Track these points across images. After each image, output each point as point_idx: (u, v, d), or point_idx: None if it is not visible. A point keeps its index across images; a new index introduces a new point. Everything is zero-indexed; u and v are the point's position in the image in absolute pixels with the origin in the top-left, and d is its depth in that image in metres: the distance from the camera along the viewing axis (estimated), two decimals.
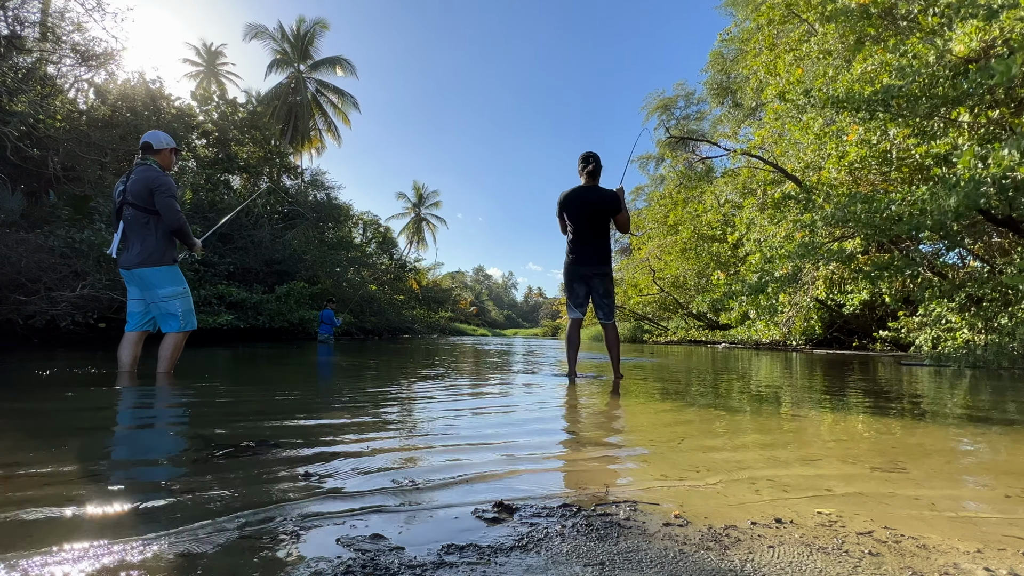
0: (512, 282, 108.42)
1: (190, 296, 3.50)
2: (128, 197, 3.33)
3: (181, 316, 3.41)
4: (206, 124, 12.11)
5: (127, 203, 3.33)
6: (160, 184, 3.35)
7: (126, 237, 3.35)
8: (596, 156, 3.97)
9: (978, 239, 7.94)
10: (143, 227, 3.33)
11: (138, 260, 3.30)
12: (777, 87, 8.34)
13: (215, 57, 30.94)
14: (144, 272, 3.32)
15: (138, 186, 3.31)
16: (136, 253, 3.31)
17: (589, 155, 3.95)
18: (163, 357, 3.38)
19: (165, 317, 3.40)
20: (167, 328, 3.41)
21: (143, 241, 3.32)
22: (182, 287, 3.44)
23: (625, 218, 3.91)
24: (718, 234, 15.57)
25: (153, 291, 3.36)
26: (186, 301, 3.45)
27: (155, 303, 3.39)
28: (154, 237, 3.34)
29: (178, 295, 3.41)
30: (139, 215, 3.32)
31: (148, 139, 3.49)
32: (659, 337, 19.90)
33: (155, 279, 3.34)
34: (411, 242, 49.55)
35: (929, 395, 3.40)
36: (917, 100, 5.44)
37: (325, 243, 15.05)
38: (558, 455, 1.61)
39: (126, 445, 1.64)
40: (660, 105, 26.97)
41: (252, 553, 0.84)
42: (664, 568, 0.82)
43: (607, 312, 3.94)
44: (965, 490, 1.27)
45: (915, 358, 7.18)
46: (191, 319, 3.47)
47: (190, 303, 3.48)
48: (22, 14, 7.18)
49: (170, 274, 3.38)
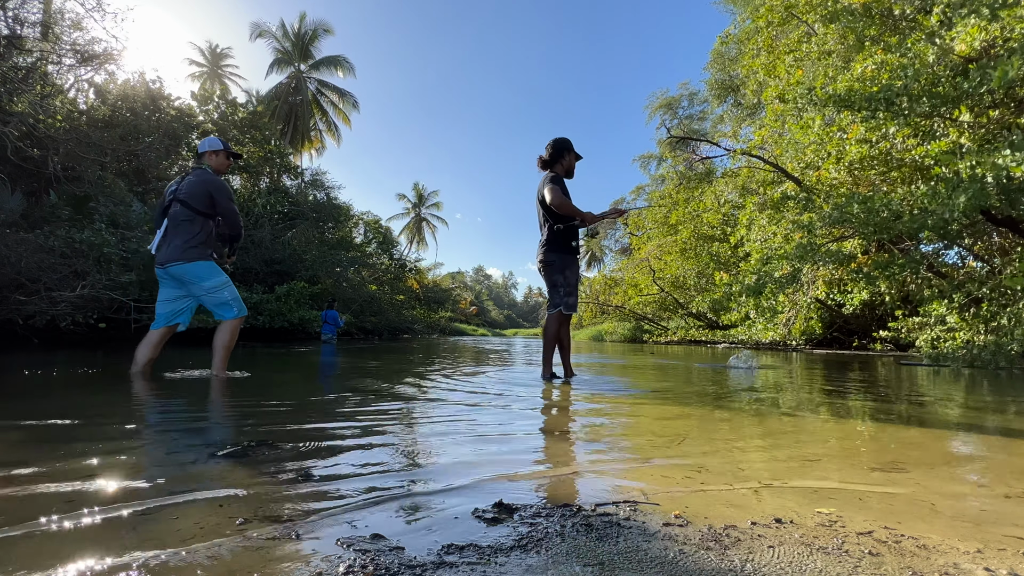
0: (512, 282, 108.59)
1: (233, 286, 3.56)
2: (180, 195, 3.40)
3: (233, 302, 3.47)
4: (206, 124, 12.11)
5: (177, 200, 3.40)
6: (222, 189, 3.48)
7: (166, 233, 3.41)
8: (551, 142, 3.79)
9: (978, 239, 7.94)
10: (187, 224, 3.39)
11: (178, 255, 3.35)
12: (777, 88, 8.34)
13: (219, 58, 30.98)
14: (185, 268, 3.37)
15: (196, 187, 3.41)
16: (175, 248, 3.36)
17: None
18: (219, 346, 3.42)
19: (219, 307, 3.45)
20: (223, 316, 3.46)
21: (184, 238, 3.38)
22: (224, 277, 3.50)
23: (555, 200, 3.52)
24: (718, 234, 15.57)
25: (198, 285, 3.40)
26: (232, 289, 3.51)
27: (203, 296, 3.43)
28: (195, 235, 3.40)
29: (225, 284, 3.48)
30: (186, 212, 3.39)
31: (200, 146, 3.64)
32: (659, 337, 19.90)
33: (198, 273, 3.39)
34: (411, 242, 49.60)
35: (929, 395, 3.40)
36: (918, 99, 5.44)
37: (325, 243, 15.05)
38: (558, 454, 1.61)
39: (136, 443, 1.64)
40: (663, 104, 26.87)
41: (251, 553, 0.84)
42: (664, 568, 0.82)
43: (550, 303, 3.76)
44: (965, 490, 1.27)
45: (914, 358, 7.18)
46: (242, 305, 3.53)
47: (236, 291, 3.54)
48: (22, 14, 7.18)
49: (211, 267, 3.45)
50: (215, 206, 3.48)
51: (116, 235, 7.12)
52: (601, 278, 26.87)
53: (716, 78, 21.59)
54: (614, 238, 40.15)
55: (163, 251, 3.40)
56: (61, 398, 2.50)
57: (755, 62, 11.83)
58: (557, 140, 3.80)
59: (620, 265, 27.10)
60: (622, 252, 30.34)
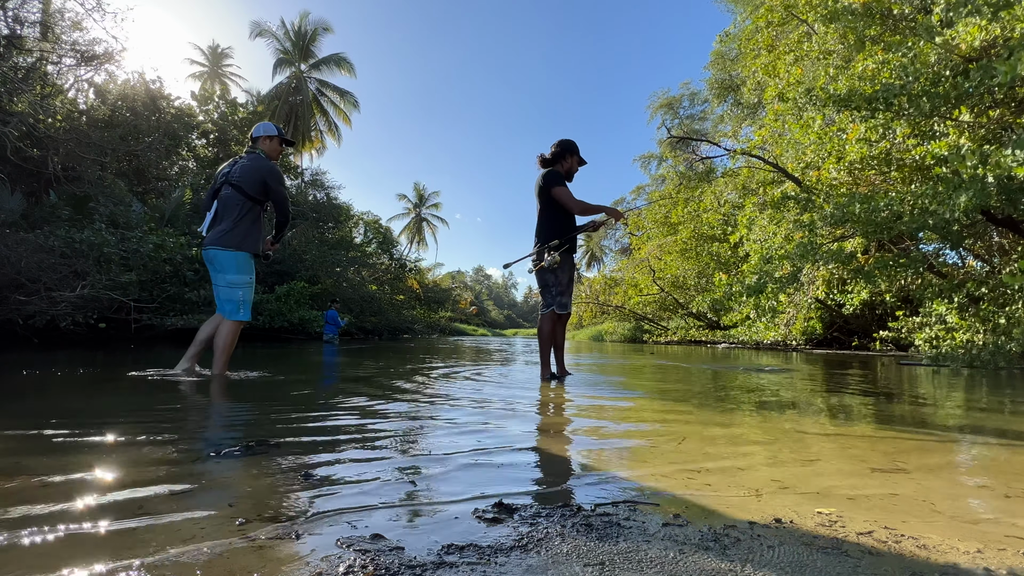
0: (512, 282, 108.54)
1: (253, 289, 3.53)
2: (232, 179, 3.40)
3: (240, 305, 3.44)
4: (206, 124, 12.12)
5: (229, 183, 3.40)
6: (276, 174, 3.48)
7: (216, 216, 3.41)
8: (558, 141, 3.81)
9: (978, 239, 7.94)
10: (236, 208, 3.39)
11: (216, 239, 3.35)
12: (776, 88, 8.34)
13: (220, 58, 30.96)
14: (218, 253, 3.36)
15: (250, 172, 3.41)
16: (219, 231, 3.36)
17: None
18: (219, 347, 3.40)
19: (227, 303, 3.42)
20: (226, 314, 3.42)
21: (231, 222, 3.37)
22: (249, 277, 3.48)
23: (570, 204, 3.58)
24: (718, 234, 15.57)
25: (221, 275, 3.40)
26: (248, 292, 3.48)
27: (220, 287, 3.42)
28: (242, 221, 3.40)
29: (244, 284, 3.45)
30: (236, 196, 3.39)
31: (255, 131, 3.62)
32: (659, 337, 19.90)
33: (227, 263, 3.38)
34: (412, 242, 49.63)
35: (928, 395, 3.40)
36: (919, 99, 5.43)
37: (325, 243, 15.06)
38: (558, 455, 1.61)
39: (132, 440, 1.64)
40: (664, 104, 26.85)
41: (251, 553, 0.84)
42: (664, 568, 0.82)
43: (543, 303, 3.77)
44: (965, 490, 1.27)
45: (914, 358, 7.18)
46: (248, 311, 3.49)
47: (251, 296, 3.51)
48: (22, 14, 7.18)
49: (243, 262, 3.43)
50: (267, 192, 3.48)
51: (116, 235, 7.12)
52: (601, 278, 26.87)
53: (716, 78, 21.58)
54: (614, 238, 40.16)
55: (209, 234, 3.41)
56: (60, 398, 2.50)
57: (755, 62, 11.83)
58: (563, 140, 3.82)
59: (620, 265, 27.10)
60: (622, 252, 30.35)
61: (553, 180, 3.67)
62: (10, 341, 6.75)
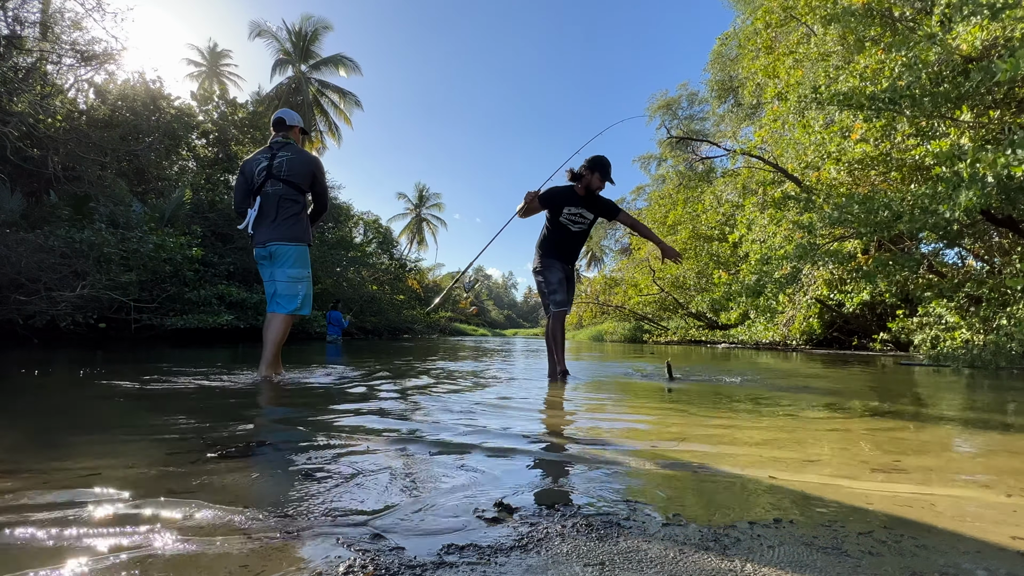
0: (512, 282, 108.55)
1: (311, 283, 3.48)
2: (281, 173, 3.29)
3: (301, 299, 3.37)
4: (206, 124, 12.11)
5: (277, 179, 3.29)
6: (321, 166, 3.44)
7: (264, 213, 3.30)
8: (590, 157, 3.90)
9: (978, 239, 7.94)
10: (292, 204, 3.32)
11: (278, 234, 3.26)
12: (776, 89, 8.35)
13: (218, 58, 30.90)
14: (280, 248, 3.29)
15: (299, 166, 3.32)
16: (285, 228, 3.28)
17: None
18: (270, 341, 3.30)
19: (283, 297, 3.33)
20: (282, 308, 3.34)
21: (292, 218, 3.30)
22: (308, 271, 3.43)
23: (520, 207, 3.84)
24: (718, 234, 15.57)
25: (283, 269, 3.31)
26: (309, 286, 3.43)
27: (280, 281, 3.32)
28: (300, 215, 3.35)
29: (304, 278, 3.39)
30: (291, 192, 3.31)
31: (282, 115, 3.49)
32: (659, 337, 19.89)
33: (292, 257, 3.32)
34: (412, 242, 49.63)
35: (928, 395, 3.40)
36: (920, 99, 5.44)
37: (325, 243, 15.05)
38: (558, 453, 1.61)
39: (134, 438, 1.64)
40: (663, 105, 26.86)
41: (251, 553, 0.84)
42: (664, 568, 0.82)
43: (545, 307, 3.91)
44: (965, 490, 1.27)
45: (914, 358, 7.18)
46: (309, 305, 3.43)
47: (311, 289, 3.45)
48: (22, 14, 7.18)
49: (303, 255, 3.38)
50: (314, 184, 3.41)
51: (116, 235, 7.12)
52: (601, 278, 26.88)
53: (716, 79, 21.60)
54: (614, 238, 40.15)
55: (264, 230, 3.28)
56: (60, 398, 2.50)
57: (755, 64, 11.83)
58: (592, 157, 3.86)
59: (620, 265, 27.10)
60: (622, 252, 30.36)
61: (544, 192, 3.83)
62: (10, 341, 6.75)
